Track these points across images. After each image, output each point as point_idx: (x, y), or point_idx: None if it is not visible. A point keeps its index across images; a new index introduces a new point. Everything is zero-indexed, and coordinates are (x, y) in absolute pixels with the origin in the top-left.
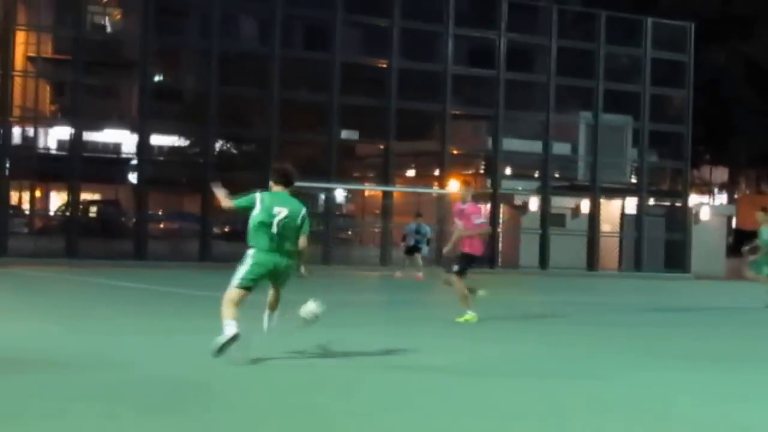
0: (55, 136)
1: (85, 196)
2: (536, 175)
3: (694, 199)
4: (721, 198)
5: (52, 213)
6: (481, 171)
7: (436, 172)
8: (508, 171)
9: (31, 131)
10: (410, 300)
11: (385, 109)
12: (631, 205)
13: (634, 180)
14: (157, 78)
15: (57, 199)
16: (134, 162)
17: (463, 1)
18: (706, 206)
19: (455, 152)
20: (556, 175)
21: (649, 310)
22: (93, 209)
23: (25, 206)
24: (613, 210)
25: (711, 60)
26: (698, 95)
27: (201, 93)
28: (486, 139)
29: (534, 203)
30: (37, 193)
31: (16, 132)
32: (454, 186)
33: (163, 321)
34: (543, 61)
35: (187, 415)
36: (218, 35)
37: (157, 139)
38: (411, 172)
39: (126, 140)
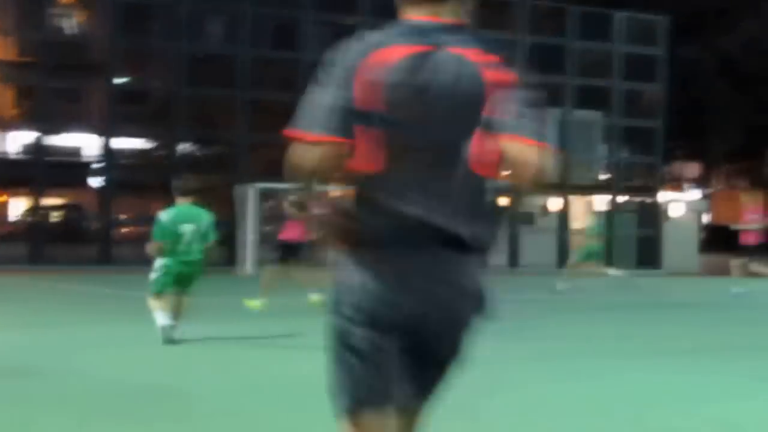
0: (19, 141)
1: (49, 200)
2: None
3: (666, 195)
4: (695, 194)
5: (15, 218)
6: None
7: None
8: None
9: None
10: None
11: None
12: (602, 201)
13: (604, 176)
14: (122, 80)
15: (20, 205)
16: (99, 165)
17: None
18: (679, 202)
19: None
20: None
21: (619, 307)
22: (57, 214)
23: None
24: (584, 207)
25: (686, 54)
26: (672, 90)
27: (167, 94)
28: None
29: (504, 202)
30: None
31: None
32: None
33: (130, 326)
34: (512, 56)
35: (165, 423)
36: (185, 36)
37: (123, 142)
38: None
39: (91, 143)
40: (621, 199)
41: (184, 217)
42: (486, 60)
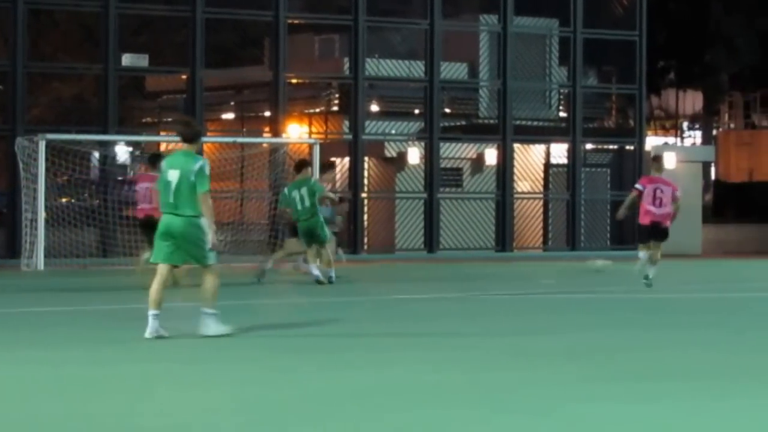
0: None
1: None
2: (417, 111)
3: (653, 140)
4: (694, 137)
5: None
6: (335, 108)
7: (267, 113)
8: (374, 107)
9: None
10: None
11: (188, 20)
12: (559, 152)
13: (563, 114)
14: None
15: None
16: None
17: None
18: (673, 150)
19: (295, 82)
20: (447, 111)
21: (584, 309)
22: None
23: None
24: (534, 160)
25: None
26: None
27: None
28: (341, 60)
29: (415, 154)
30: None
31: None
32: (295, 132)
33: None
34: None
35: None
36: None
37: None
38: (230, 114)
39: None
40: (587, 147)
41: (173, 163)
42: None
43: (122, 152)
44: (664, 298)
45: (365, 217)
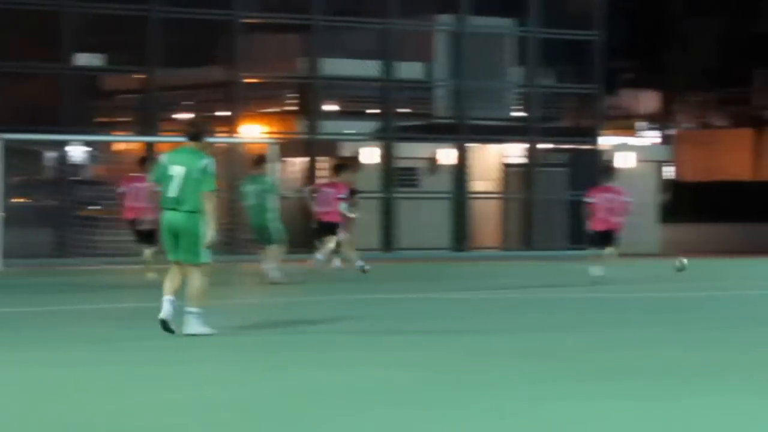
0: None
1: None
2: (374, 111)
3: (609, 139)
4: (652, 137)
5: None
6: (290, 108)
7: (224, 113)
8: (330, 107)
9: None
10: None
11: (145, 19)
12: (516, 151)
13: (520, 114)
14: None
15: None
16: None
17: None
18: (630, 150)
19: (251, 81)
20: (403, 111)
21: (542, 309)
22: None
23: None
24: (491, 160)
25: None
26: None
27: None
28: (297, 60)
29: (371, 153)
30: None
31: None
32: (252, 131)
33: None
34: None
35: None
36: None
37: None
38: (186, 114)
39: None
40: (544, 146)
41: (179, 159)
42: None
43: (78, 152)
44: (620, 297)
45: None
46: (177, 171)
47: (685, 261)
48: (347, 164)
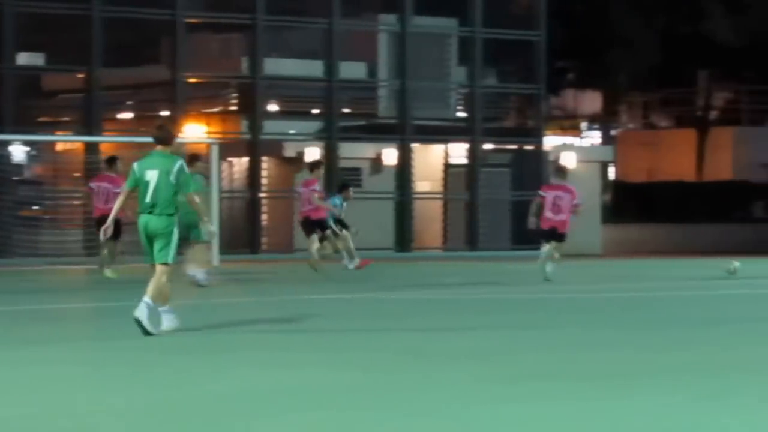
0: None
1: None
2: (316, 111)
3: (553, 139)
4: (594, 137)
5: None
6: (233, 108)
7: (166, 112)
8: (273, 107)
9: None
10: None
11: (86, 18)
12: (459, 151)
13: (463, 114)
14: None
15: None
16: None
17: None
18: (573, 150)
19: (193, 81)
20: (347, 111)
21: (486, 309)
22: None
23: None
24: (434, 160)
25: None
26: None
27: None
28: (239, 59)
29: (313, 153)
30: None
31: None
32: (193, 131)
33: None
34: None
35: None
36: None
37: None
38: (128, 114)
39: None
40: (487, 146)
41: (151, 164)
42: None
43: (18, 152)
44: (563, 297)
45: (264, 216)
46: (151, 175)
47: (737, 264)
48: (320, 162)
